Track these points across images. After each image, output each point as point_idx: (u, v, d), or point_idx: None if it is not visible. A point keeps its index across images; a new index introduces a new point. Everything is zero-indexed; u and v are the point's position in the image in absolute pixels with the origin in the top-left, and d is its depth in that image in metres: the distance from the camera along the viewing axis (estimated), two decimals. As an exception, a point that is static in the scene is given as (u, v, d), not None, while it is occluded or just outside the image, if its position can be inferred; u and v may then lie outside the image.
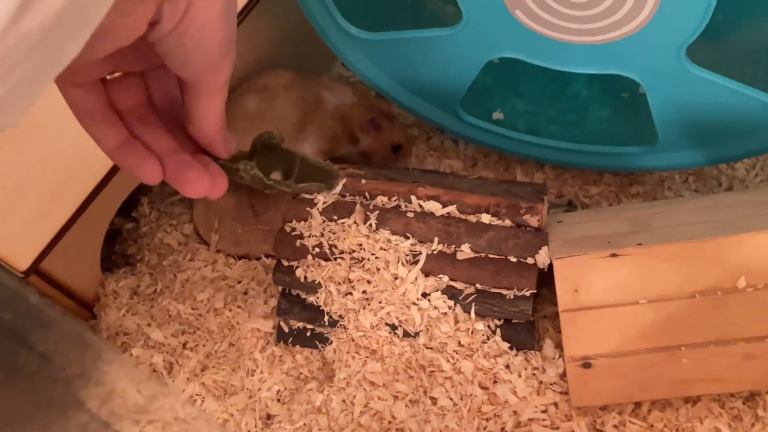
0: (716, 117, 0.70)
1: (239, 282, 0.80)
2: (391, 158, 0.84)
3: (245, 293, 0.79)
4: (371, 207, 0.69)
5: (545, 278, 0.69)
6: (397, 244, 0.68)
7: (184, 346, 0.75)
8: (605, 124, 0.85)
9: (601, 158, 0.81)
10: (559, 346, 0.68)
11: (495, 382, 0.67)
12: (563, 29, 0.66)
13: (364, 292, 0.68)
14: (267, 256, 0.81)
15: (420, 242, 0.68)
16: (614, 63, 0.68)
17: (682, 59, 0.65)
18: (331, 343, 0.71)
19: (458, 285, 0.67)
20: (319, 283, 0.69)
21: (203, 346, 0.75)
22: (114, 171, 0.76)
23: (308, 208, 0.70)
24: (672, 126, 0.72)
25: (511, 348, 0.67)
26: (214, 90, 0.42)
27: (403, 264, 0.67)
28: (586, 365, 0.63)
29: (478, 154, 0.90)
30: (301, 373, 0.72)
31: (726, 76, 0.66)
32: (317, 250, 0.69)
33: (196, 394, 0.71)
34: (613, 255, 0.62)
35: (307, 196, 0.71)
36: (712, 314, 0.61)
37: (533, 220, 0.67)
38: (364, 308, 0.68)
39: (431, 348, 0.68)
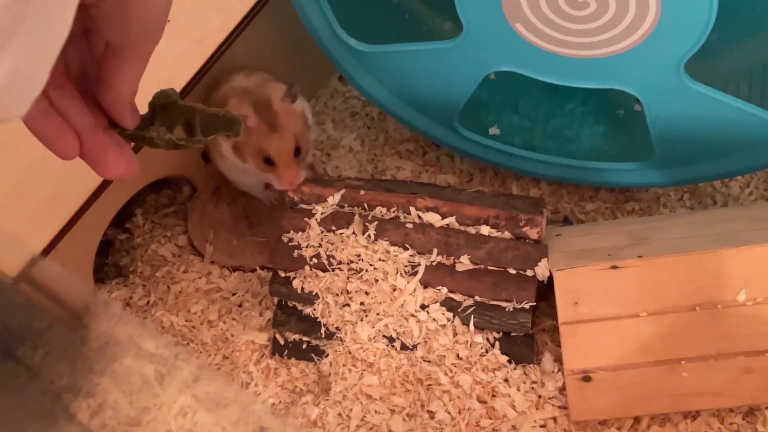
0: (713, 133, 0.70)
1: (234, 294, 0.79)
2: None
3: (240, 305, 0.78)
4: (370, 218, 0.69)
5: (543, 292, 0.69)
6: (396, 255, 0.67)
7: (176, 357, 0.74)
8: (601, 140, 0.85)
9: (597, 174, 0.81)
10: (558, 359, 0.67)
11: (493, 395, 0.66)
12: (563, 43, 0.66)
13: (361, 303, 0.68)
14: (262, 268, 0.81)
15: (419, 253, 0.67)
16: (613, 77, 0.68)
17: (680, 74, 0.65)
18: (328, 356, 0.70)
19: (457, 297, 0.67)
20: (317, 294, 0.69)
21: (196, 358, 0.74)
22: (108, 181, 0.75)
23: (306, 219, 0.70)
24: (669, 142, 0.72)
25: (509, 361, 0.67)
26: (141, 58, 0.42)
27: (401, 275, 0.67)
28: (586, 378, 0.63)
29: (473, 169, 0.90)
30: (296, 386, 0.71)
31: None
32: (315, 260, 0.69)
33: (188, 406, 0.69)
34: (614, 267, 0.62)
35: (305, 207, 0.71)
36: (713, 327, 0.61)
37: (533, 232, 0.67)
38: (361, 320, 0.68)
39: (429, 361, 0.67)
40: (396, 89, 0.80)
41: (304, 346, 0.71)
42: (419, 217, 0.68)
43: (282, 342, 0.72)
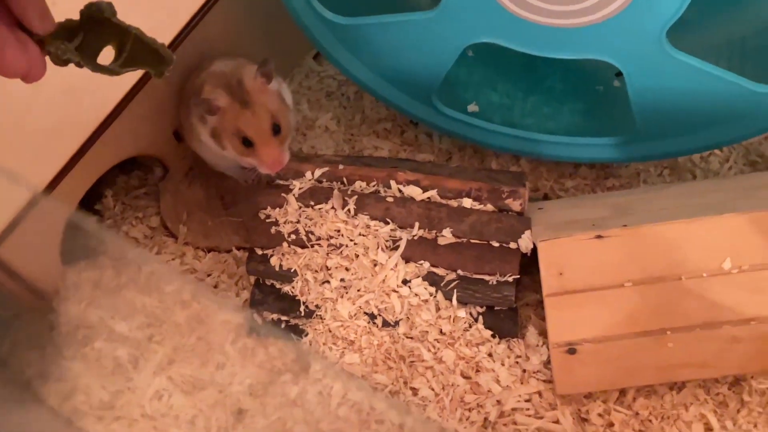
0: (695, 104, 0.69)
1: (209, 275, 0.77)
2: None
3: (215, 287, 0.76)
4: (349, 192, 0.67)
5: (526, 266, 0.67)
6: (377, 230, 0.66)
7: (150, 339, 0.71)
8: (580, 116, 0.84)
9: (577, 150, 0.80)
10: (542, 333, 0.66)
11: (477, 371, 0.65)
12: (543, 11, 0.65)
13: (342, 279, 0.66)
14: (238, 248, 0.78)
15: (400, 227, 0.66)
16: (594, 47, 0.67)
17: (662, 43, 0.64)
18: (307, 335, 0.68)
19: (439, 271, 0.65)
20: (295, 271, 0.67)
21: (170, 339, 0.71)
22: (77, 157, 0.72)
23: (284, 194, 0.68)
24: (650, 114, 0.72)
25: (493, 336, 0.66)
26: None
27: (382, 250, 0.65)
28: (571, 351, 0.62)
29: (452, 147, 0.88)
30: (274, 366, 0.69)
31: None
32: (293, 237, 0.67)
33: (163, 389, 0.67)
34: (599, 237, 0.61)
35: (282, 182, 0.69)
36: (699, 297, 0.60)
37: (516, 204, 0.66)
38: (341, 297, 0.66)
39: (411, 337, 0.66)
40: (374, 64, 0.78)
41: (283, 325, 0.69)
42: (400, 190, 0.67)
43: (260, 322, 0.70)
